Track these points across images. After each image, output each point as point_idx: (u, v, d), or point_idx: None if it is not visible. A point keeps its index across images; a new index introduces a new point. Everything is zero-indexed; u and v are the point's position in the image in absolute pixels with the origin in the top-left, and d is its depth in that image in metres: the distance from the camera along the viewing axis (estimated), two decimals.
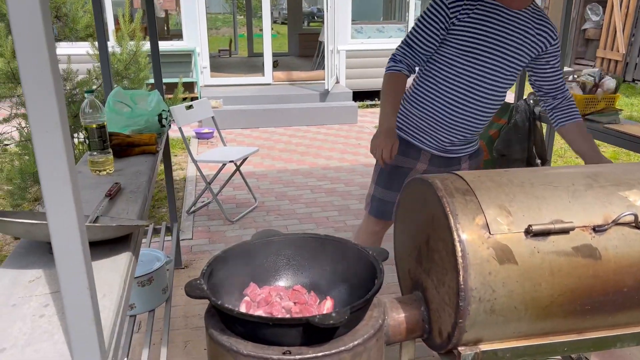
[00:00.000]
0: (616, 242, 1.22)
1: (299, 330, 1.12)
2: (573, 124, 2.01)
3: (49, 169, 0.77)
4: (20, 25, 0.71)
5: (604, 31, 10.13)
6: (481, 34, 1.85)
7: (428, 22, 1.88)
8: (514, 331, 1.23)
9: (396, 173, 2.09)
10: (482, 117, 1.99)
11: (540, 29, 1.91)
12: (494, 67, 1.89)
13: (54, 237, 0.80)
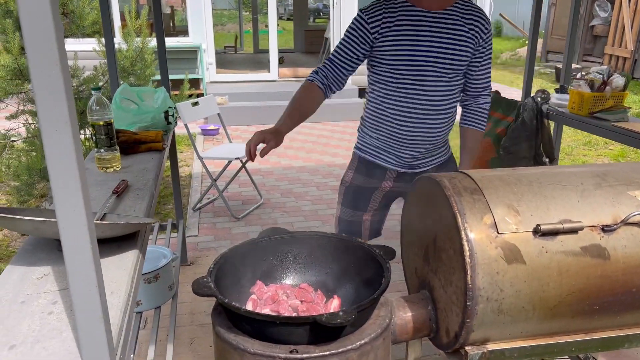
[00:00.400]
0: (625, 242, 1.21)
1: (305, 329, 1.12)
2: (470, 130, 1.99)
3: (58, 167, 0.78)
4: (30, 23, 0.71)
5: (612, 28, 10.05)
6: (407, 44, 1.79)
7: (349, 38, 1.85)
8: (521, 331, 1.23)
9: (361, 193, 2.04)
10: (436, 126, 1.89)
11: (471, 20, 1.82)
12: (429, 74, 1.82)
13: (64, 235, 0.80)
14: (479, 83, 1.94)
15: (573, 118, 2.94)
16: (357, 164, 2.06)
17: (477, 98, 1.97)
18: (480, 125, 2.00)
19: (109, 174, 1.92)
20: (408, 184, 1.95)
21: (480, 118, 1.99)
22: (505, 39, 17.45)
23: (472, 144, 1.99)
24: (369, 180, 2.03)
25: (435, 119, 1.87)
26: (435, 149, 1.98)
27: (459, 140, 2.02)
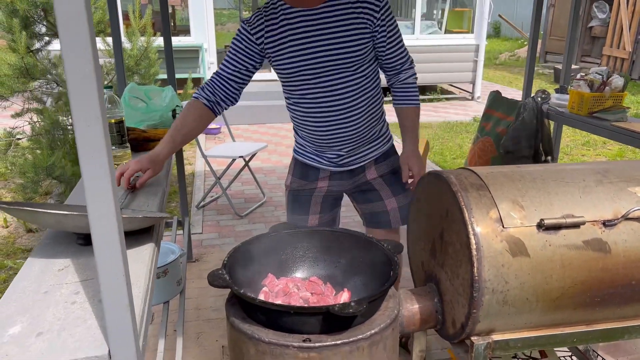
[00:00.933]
0: (626, 237, 1.26)
1: (318, 318, 1.16)
2: (402, 108, 1.91)
3: (89, 160, 0.82)
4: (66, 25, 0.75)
5: (610, 29, 10.11)
6: (295, 47, 1.71)
7: (235, 50, 1.77)
8: (525, 322, 1.27)
9: (299, 196, 2.01)
10: (351, 122, 1.81)
11: (357, 3, 1.70)
12: (327, 72, 1.73)
13: (94, 227, 0.84)
14: (395, 60, 1.85)
15: (573, 118, 2.99)
16: (294, 168, 2.03)
17: (399, 75, 1.88)
18: (411, 101, 1.90)
19: None
20: (345, 181, 1.97)
21: (408, 93, 1.90)
22: (504, 39, 17.51)
23: (409, 122, 1.91)
24: (304, 182, 1.98)
25: (348, 115, 1.79)
26: (363, 145, 1.90)
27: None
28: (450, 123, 7.04)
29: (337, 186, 2.00)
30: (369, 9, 1.71)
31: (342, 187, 2.01)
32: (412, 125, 1.92)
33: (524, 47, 14.08)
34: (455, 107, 8.20)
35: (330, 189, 2.00)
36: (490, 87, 9.45)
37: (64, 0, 0.75)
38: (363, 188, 2.01)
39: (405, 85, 1.90)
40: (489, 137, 3.36)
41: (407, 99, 1.91)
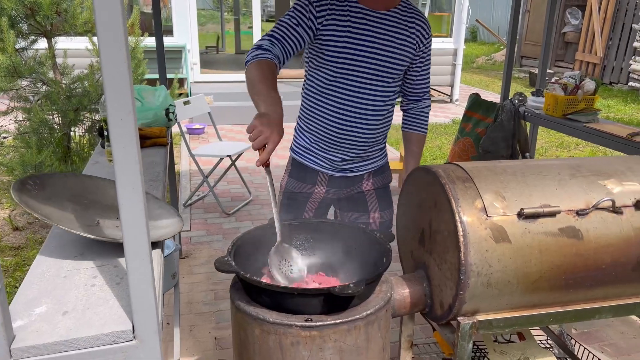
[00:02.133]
0: (596, 225, 1.38)
1: (319, 299, 1.26)
2: (411, 133, 1.98)
3: (122, 151, 0.90)
4: (105, 30, 0.84)
5: (582, 35, 10.44)
6: (351, 41, 1.72)
7: (295, 20, 1.69)
8: (507, 303, 1.39)
9: (295, 201, 1.95)
10: (370, 128, 1.84)
11: (413, 24, 1.78)
12: (369, 74, 1.76)
13: (123, 211, 0.93)
14: (420, 87, 1.93)
15: (548, 119, 3.15)
16: (290, 168, 1.98)
17: (419, 102, 1.96)
18: (423, 129, 1.99)
19: None
20: (342, 189, 1.95)
21: (423, 121, 1.99)
22: (481, 43, 17.87)
23: (417, 147, 1.98)
24: (301, 185, 1.94)
25: (369, 121, 1.82)
26: (367, 154, 1.92)
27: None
28: (430, 125, 7.19)
29: (333, 193, 1.96)
30: (421, 32, 1.81)
31: (337, 194, 1.98)
32: (418, 150, 1.99)
33: (500, 52, 14.41)
34: (435, 109, 8.38)
35: (326, 196, 1.96)
36: (468, 90, 9.68)
37: (103, 6, 0.83)
38: (355, 197, 2.00)
39: (423, 112, 1.98)
40: (469, 137, 3.50)
41: (421, 125, 1.98)
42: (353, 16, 1.71)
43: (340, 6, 1.71)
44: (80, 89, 3.82)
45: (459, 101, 8.78)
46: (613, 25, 9.80)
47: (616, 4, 9.67)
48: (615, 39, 9.78)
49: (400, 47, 1.77)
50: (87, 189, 1.52)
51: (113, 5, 0.84)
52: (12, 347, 0.94)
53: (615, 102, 8.63)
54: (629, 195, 1.43)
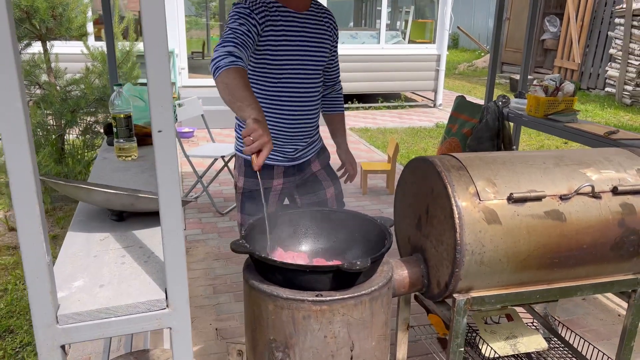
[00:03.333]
0: (578, 208, 1.53)
1: (329, 276, 1.37)
2: (337, 114, 2.23)
3: (162, 135, 1.01)
4: (150, 32, 0.95)
5: (561, 42, 10.76)
6: (286, 43, 1.87)
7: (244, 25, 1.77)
8: (498, 280, 1.52)
9: (256, 197, 2.04)
10: (313, 118, 2.04)
11: (326, 19, 1.99)
12: (305, 71, 1.94)
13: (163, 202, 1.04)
14: (334, 74, 2.18)
15: (530, 119, 3.32)
16: (244, 169, 2.05)
17: (335, 86, 2.21)
18: (341, 108, 2.26)
19: (127, 162, 2.13)
20: (296, 176, 2.10)
21: (340, 102, 2.25)
22: (462, 50, 18.22)
23: (342, 124, 2.25)
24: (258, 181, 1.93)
25: (312, 109, 2.02)
26: (312, 139, 2.10)
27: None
28: (414, 129, 7.38)
29: (290, 182, 2.09)
30: (332, 25, 2.04)
31: (294, 182, 2.11)
32: (344, 127, 2.27)
33: (481, 58, 14.73)
34: (419, 113, 8.57)
35: (284, 186, 2.08)
36: (450, 95, 9.90)
37: (149, 14, 0.94)
38: (309, 180, 2.15)
39: (338, 95, 2.24)
40: (455, 137, 3.65)
41: (340, 105, 2.25)
42: (284, 19, 1.87)
43: (272, 12, 1.84)
44: (77, 91, 3.89)
45: (442, 106, 8.99)
46: (590, 32, 10.13)
47: (592, 12, 10.01)
48: (592, 46, 10.10)
49: (323, 41, 1.99)
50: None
51: (158, 13, 0.96)
52: (59, 314, 1.04)
53: (592, 106, 8.92)
54: (607, 182, 1.58)
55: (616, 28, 9.26)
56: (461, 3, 17.76)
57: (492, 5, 17.05)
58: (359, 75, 8.10)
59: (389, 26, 9.66)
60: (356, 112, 8.35)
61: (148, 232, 1.44)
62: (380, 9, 8.68)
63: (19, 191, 0.96)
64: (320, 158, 2.18)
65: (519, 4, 11.93)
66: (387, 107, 8.92)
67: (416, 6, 10.05)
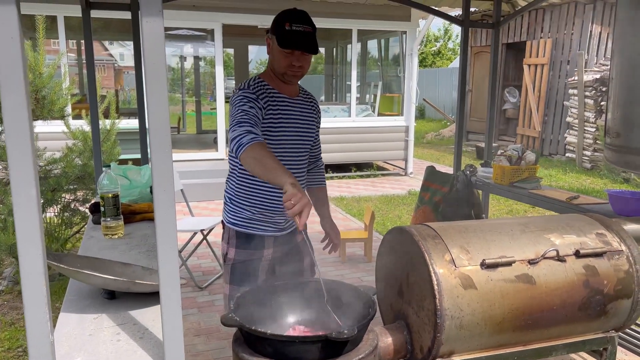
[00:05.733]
0: (545, 271, 1.64)
1: (317, 346, 1.43)
2: (320, 188, 2.39)
3: (164, 214, 1.10)
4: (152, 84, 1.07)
5: (521, 111, 11.39)
6: (282, 126, 2.03)
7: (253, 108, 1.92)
8: (477, 344, 1.60)
9: (248, 267, 2.11)
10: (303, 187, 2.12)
11: (312, 104, 2.20)
12: (297, 150, 2.12)
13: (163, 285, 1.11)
14: (317, 151, 2.36)
15: (497, 187, 3.51)
16: (235, 240, 2.12)
17: (317, 162, 2.38)
18: (324, 182, 2.42)
19: (114, 240, 2.18)
20: (285, 245, 2.18)
21: (322, 176, 2.42)
22: (429, 120, 19.00)
23: (325, 197, 2.40)
24: (252, 252, 2.11)
25: (302, 181, 2.17)
26: None
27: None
28: (388, 196, 7.57)
29: (280, 250, 2.16)
30: (316, 109, 2.25)
31: (282, 251, 2.18)
32: (327, 199, 2.41)
33: (447, 127, 15.36)
34: (391, 182, 8.81)
35: (274, 255, 2.15)
36: (420, 164, 10.25)
37: (150, 65, 1.06)
38: (293, 252, 2.22)
39: (320, 170, 2.42)
40: (427, 206, 3.81)
41: (322, 180, 2.42)
42: (281, 104, 2.04)
43: (271, 97, 2.02)
44: (57, 170, 3.95)
45: (413, 174, 9.28)
46: (547, 102, 10.77)
47: (548, 84, 10.70)
48: (550, 114, 10.71)
49: (311, 122, 2.18)
50: (97, 266, 1.66)
51: (160, 94, 1.07)
52: None
53: (555, 171, 9.33)
54: (570, 246, 1.71)
55: (570, 98, 9.88)
56: (425, 77, 18.74)
57: (454, 79, 18.01)
58: (332, 146, 8.37)
59: (358, 99, 10.10)
60: (331, 182, 8.54)
61: (141, 310, 1.48)
62: (350, 84, 9.12)
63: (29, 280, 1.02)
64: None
65: (479, 76, 12.66)
66: (360, 175, 9.17)
67: (384, 81, 10.59)
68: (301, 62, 1.99)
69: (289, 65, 1.98)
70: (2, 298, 4.02)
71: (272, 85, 2.06)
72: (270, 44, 2.02)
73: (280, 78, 2.05)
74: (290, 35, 1.93)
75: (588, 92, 9.35)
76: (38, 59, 3.92)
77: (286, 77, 2.03)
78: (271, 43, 2.01)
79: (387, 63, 10.94)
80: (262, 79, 2.06)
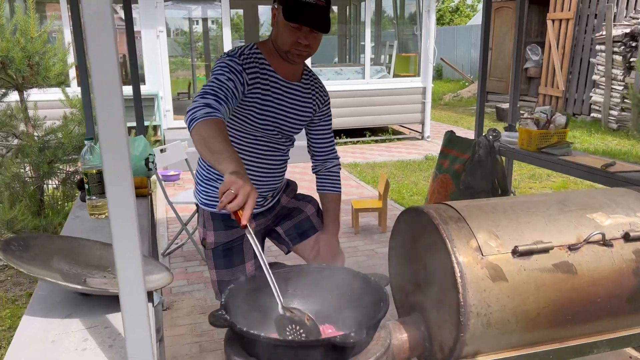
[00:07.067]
0: (588, 258, 1.40)
1: (320, 351, 1.22)
2: (331, 194, 2.08)
3: (119, 215, 0.88)
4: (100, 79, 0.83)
5: (543, 70, 10.87)
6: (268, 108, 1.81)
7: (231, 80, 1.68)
8: (507, 342, 1.38)
9: (232, 248, 1.96)
10: (280, 175, 2.00)
11: (314, 91, 1.95)
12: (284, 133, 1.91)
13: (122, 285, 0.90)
14: (326, 148, 2.06)
15: (523, 153, 3.23)
16: (212, 223, 1.95)
17: (326, 163, 2.08)
18: (336, 188, 2.08)
19: (100, 220, 1.98)
20: (267, 217, 2.03)
21: (334, 181, 2.08)
22: (447, 81, 18.42)
23: (333, 206, 2.08)
24: (231, 232, 1.94)
25: (280, 167, 1.98)
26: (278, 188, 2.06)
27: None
28: (404, 162, 7.30)
29: (262, 224, 2.03)
30: (319, 99, 1.98)
31: (266, 222, 2.05)
32: (335, 209, 2.09)
33: (465, 88, 14.86)
34: (407, 146, 8.51)
35: (258, 229, 2.01)
36: (438, 127, 9.89)
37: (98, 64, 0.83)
38: (281, 213, 2.09)
39: (331, 173, 2.09)
40: (446, 174, 3.55)
41: (333, 185, 2.09)
42: (273, 86, 1.81)
43: (263, 76, 1.78)
44: (55, 140, 3.76)
45: (431, 138, 8.96)
46: (572, 59, 10.24)
47: (573, 40, 10.15)
48: (575, 72, 10.20)
49: (303, 112, 1.92)
50: (72, 249, 1.47)
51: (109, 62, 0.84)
52: None
53: (580, 132, 8.93)
54: (617, 227, 1.46)
55: (597, 55, 9.37)
56: (443, 36, 18.04)
57: (473, 36, 17.33)
58: (345, 110, 8.06)
59: (373, 61, 9.70)
60: (344, 147, 8.28)
61: (116, 309, 1.28)
62: (364, 44, 8.72)
63: None
64: (286, 193, 2.13)
65: (499, 33, 12.10)
66: (375, 141, 8.87)
67: (399, 40, 10.14)
68: (309, 40, 1.71)
69: (294, 43, 1.71)
70: (5, 273, 3.91)
71: (269, 60, 1.80)
72: (276, 15, 1.74)
73: (282, 56, 1.79)
74: (299, 7, 1.65)
75: (616, 47, 8.83)
76: (28, 22, 3.67)
77: (290, 56, 1.77)
78: (277, 14, 1.73)
79: (403, 21, 10.45)
80: (258, 50, 1.80)
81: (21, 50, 3.70)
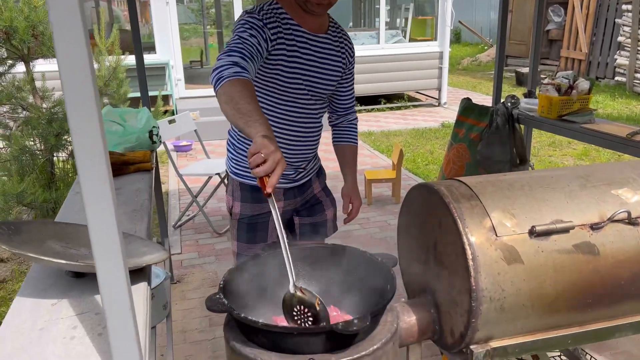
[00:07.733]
0: (612, 238, 1.30)
1: (322, 338, 1.16)
2: (349, 146, 2.07)
3: (93, 197, 0.80)
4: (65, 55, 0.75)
5: (566, 32, 10.47)
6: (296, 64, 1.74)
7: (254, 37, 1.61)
8: (522, 327, 1.30)
9: (257, 223, 1.90)
10: (314, 141, 1.93)
11: (342, 44, 1.88)
12: (315, 93, 1.82)
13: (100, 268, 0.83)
14: (347, 102, 2.03)
15: (543, 121, 3.08)
16: (240, 193, 1.91)
17: (347, 115, 2.07)
18: (355, 140, 2.08)
19: None
20: (297, 198, 1.97)
21: (354, 133, 2.08)
22: (465, 45, 17.92)
23: (352, 158, 2.08)
24: (259, 206, 1.88)
25: (315, 131, 1.91)
26: (313, 159, 2.00)
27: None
28: (419, 130, 7.14)
29: (290, 205, 1.97)
30: (348, 52, 1.91)
31: (294, 204, 1.99)
32: (354, 161, 2.09)
33: (484, 52, 14.44)
34: (423, 113, 8.33)
35: (286, 209, 1.96)
36: (455, 93, 9.65)
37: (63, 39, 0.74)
38: (311, 202, 2.05)
39: (352, 125, 2.09)
40: (463, 143, 3.42)
41: (353, 137, 2.09)
42: (298, 41, 1.74)
43: (286, 30, 1.71)
44: (62, 112, 3.70)
45: (447, 104, 8.74)
46: (596, 21, 9.83)
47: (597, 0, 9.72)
48: (599, 34, 9.80)
49: (334, 67, 1.86)
50: (66, 235, 1.41)
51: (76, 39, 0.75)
52: None
53: (603, 97, 8.63)
54: None
55: (624, 15, 8.96)
56: None
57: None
58: (359, 77, 7.85)
59: (388, 24, 9.42)
60: (358, 115, 8.13)
61: None
62: (379, 7, 8.45)
63: None
64: (319, 178, 2.08)
65: None
66: (390, 108, 8.69)
67: (416, 3, 9.81)
68: None
69: None
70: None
71: (291, 14, 1.71)
72: None
73: (302, 6, 1.69)
74: None
75: None
76: None
77: (308, 6, 1.68)
78: None
79: None
80: (278, 5, 1.71)
81: (25, 20, 3.62)
